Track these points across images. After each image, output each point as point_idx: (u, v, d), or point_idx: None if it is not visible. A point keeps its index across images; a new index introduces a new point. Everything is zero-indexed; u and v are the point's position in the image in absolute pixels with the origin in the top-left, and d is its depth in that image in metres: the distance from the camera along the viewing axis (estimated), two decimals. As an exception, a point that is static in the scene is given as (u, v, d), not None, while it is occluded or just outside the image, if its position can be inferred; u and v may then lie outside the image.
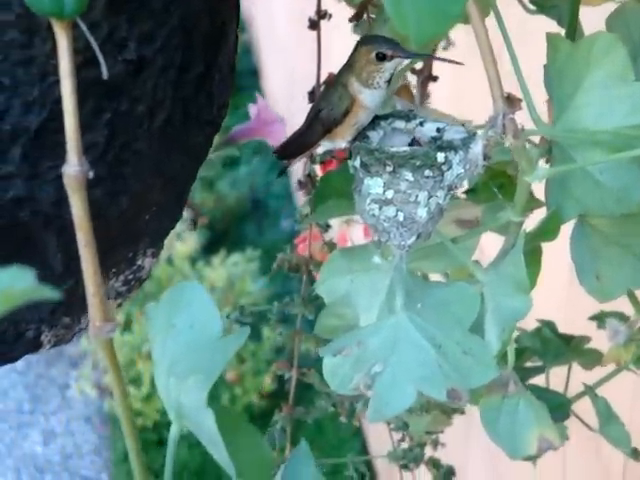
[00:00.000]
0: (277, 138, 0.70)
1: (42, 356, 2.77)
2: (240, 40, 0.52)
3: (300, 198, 3.26)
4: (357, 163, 0.46)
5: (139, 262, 0.56)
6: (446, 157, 0.44)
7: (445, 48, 0.92)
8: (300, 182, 0.92)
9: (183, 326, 0.37)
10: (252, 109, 0.78)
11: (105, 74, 0.30)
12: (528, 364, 0.78)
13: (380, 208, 0.46)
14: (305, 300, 0.94)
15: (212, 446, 0.32)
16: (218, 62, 0.49)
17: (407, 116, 0.49)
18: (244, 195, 3.29)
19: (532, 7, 0.72)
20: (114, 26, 0.39)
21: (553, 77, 0.48)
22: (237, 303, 2.61)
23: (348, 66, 0.47)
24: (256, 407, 2.58)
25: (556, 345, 0.79)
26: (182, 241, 2.70)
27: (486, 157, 0.45)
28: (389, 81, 0.46)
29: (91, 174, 0.29)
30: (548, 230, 0.49)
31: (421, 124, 0.48)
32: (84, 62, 0.39)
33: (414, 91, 0.75)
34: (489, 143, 0.44)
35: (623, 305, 0.60)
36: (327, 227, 0.99)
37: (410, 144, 0.47)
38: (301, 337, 0.98)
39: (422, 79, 0.78)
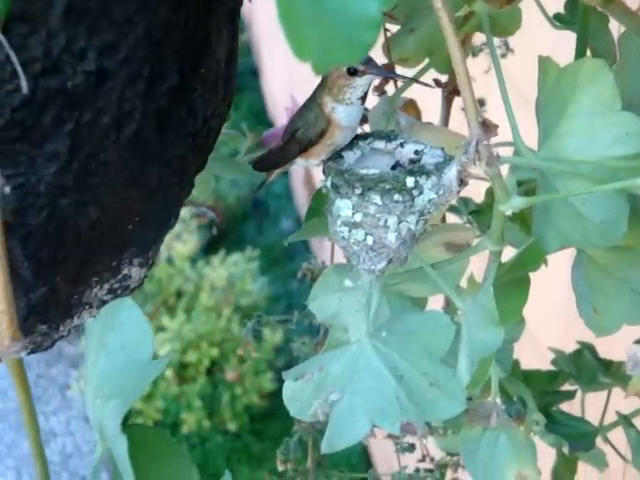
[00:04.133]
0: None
1: (42, 356, 2.75)
2: (240, 40, 0.51)
3: (300, 198, 3.23)
4: (328, 183, 0.45)
5: (125, 271, 0.55)
6: (416, 182, 0.42)
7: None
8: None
9: (114, 346, 0.36)
10: (284, 113, 0.78)
11: (25, 89, 0.29)
12: (565, 387, 0.76)
13: (349, 231, 0.44)
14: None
15: (124, 473, 0.31)
16: (200, 74, 0.48)
17: (388, 136, 0.47)
18: (244, 195, 3.28)
19: (557, 23, 0.70)
20: (72, 36, 0.38)
21: (541, 102, 0.46)
22: (237, 303, 2.61)
23: (321, 83, 0.46)
24: (256, 407, 2.57)
25: (592, 369, 0.76)
26: (182, 241, 2.68)
27: (462, 183, 0.43)
28: (363, 98, 0.45)
29: (7, 189, 0.28)
30: (530, 260, 0.47)
31: (402, 145, 0.47)
32: (43, 71, 0.38)
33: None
34: (464, 169, 0.42)
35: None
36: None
37: (393, 167, 0.46)
38: (323, 347, 0.97)
39: (447, 93, 0.75)
